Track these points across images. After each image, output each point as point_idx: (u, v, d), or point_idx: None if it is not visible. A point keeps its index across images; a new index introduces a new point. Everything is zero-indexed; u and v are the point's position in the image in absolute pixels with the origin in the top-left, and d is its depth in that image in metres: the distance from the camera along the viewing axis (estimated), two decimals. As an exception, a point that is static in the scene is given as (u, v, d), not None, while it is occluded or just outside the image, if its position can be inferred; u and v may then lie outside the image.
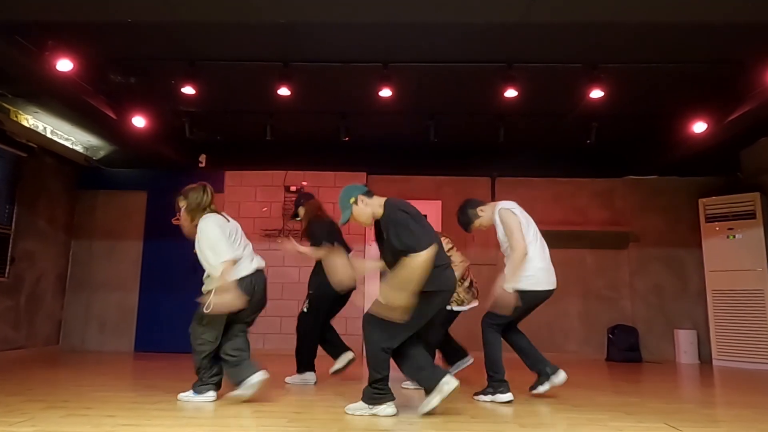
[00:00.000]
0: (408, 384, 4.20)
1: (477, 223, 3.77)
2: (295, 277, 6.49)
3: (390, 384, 3.05)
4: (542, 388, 3.58)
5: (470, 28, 3.96)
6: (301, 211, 4.42)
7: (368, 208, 3.14)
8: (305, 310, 4.27)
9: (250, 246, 3.54)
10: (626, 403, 3.46)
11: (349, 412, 3.03)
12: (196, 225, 3.48)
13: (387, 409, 3.01)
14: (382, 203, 3.12)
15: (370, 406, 3.01)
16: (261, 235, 6.57)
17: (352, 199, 3.15)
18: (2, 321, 5.55)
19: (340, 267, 3.95)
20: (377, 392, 3.02)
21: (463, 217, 3.80)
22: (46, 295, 6.25)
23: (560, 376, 3.57)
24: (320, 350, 4.31)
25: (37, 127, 5.61)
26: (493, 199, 6.61)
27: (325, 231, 4.20)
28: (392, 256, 3.02)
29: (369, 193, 3.18)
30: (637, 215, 6.79)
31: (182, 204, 3.59)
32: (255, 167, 6.83)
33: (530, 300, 3.53)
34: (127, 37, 4.16)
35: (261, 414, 2.99)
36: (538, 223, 3.73)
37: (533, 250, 3.54)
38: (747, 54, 4.20)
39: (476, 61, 4.47)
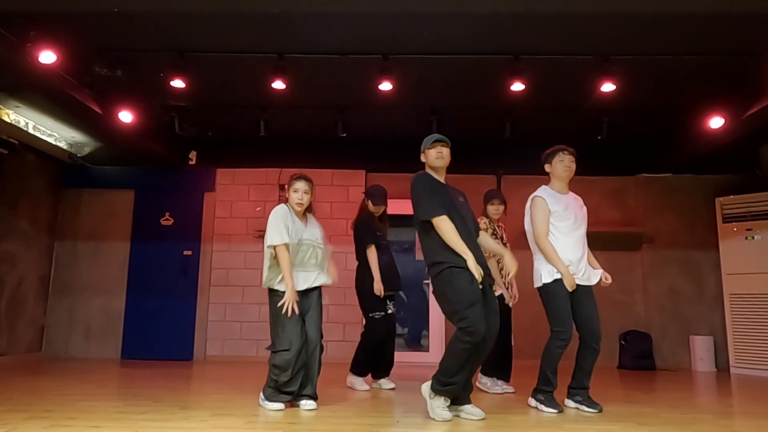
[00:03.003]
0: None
1: None
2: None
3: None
4: None
5: (475, 18, 3.97)
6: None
7: None
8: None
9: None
10: (639, 414, 3.46)
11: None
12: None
13: None
14: None
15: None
16: (255, 236, 6.57)
17: None
18: (-18, 326, 5.56)
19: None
20: None
21: None
22: (27, 299, 6.25)
23: None
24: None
25: (19, 122, 5.61)
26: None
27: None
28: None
29: None
30: (651, 215, 6.78)
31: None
32: (248, 165, 6.83)
33: None
34: (114, 27, 4.16)
35: (255, 425, 2.99)
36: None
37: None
38: (767, 45, 4.20)
39: (481, 52, 4.47)
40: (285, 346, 3.37)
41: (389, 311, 4.45)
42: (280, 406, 3.41)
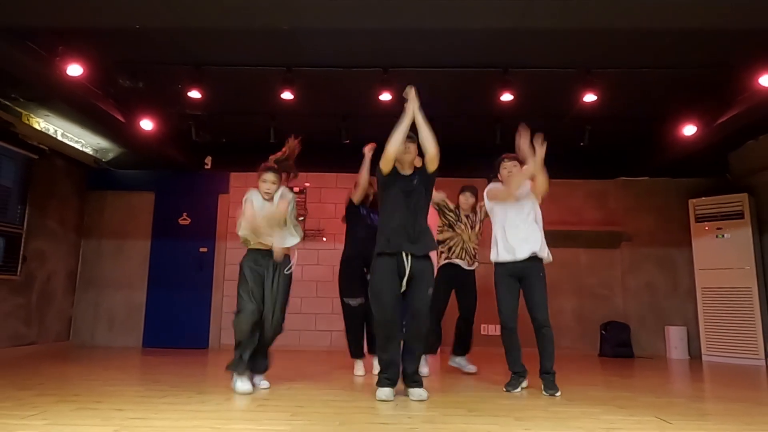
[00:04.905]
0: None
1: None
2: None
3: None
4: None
5: (468, 34, 3.97)
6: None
7: None
8: None
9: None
10: (618, 397, 3.46)
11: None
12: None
13: None
14: None
15: None
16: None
17: None
18: (14, 317, 5.55)
19: None
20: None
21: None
22: (56, 292, 6.25)
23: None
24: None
25: (48, 129, 5.62)
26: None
27: None
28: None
29: None
30: (630, 215, 6.79)
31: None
32: (259, 169, 6.82)
33: None
34: (135, 42, 4.17)
35: (265, 407, 2.99)
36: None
37: None
38: (736, 59, 4.21)
39: (473, 65, 4.48)
40: (237, 309, 3.47)
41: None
42: (247, 387, 3.40)
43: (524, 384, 3.70)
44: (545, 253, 3.68)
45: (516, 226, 3.69)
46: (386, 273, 3.29)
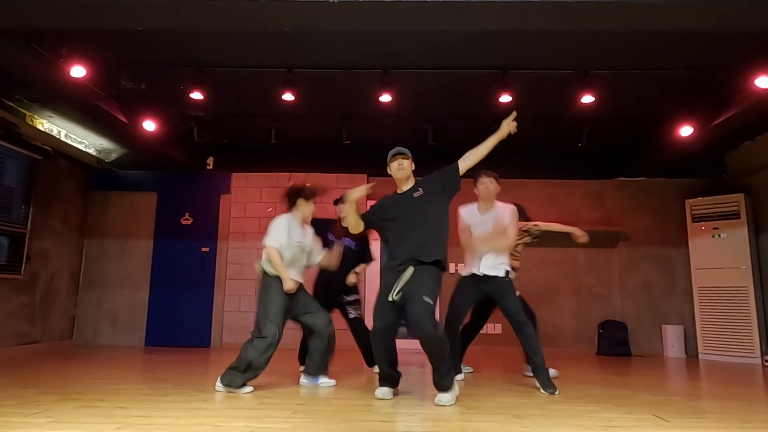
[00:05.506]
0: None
1: None
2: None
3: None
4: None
5: (467, 36, 3.97)
6: None
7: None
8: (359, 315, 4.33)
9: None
10: (616, 396, 3.46)
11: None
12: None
13: None
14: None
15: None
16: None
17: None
18: (18, 317, 5.55)
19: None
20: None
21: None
22: (60, 292, 6.24)
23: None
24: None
25: (52, 130, 5.62)
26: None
27: None
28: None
29: None
30: (627, 215, 6.78)
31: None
32: (260, 169, 6.83)
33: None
34: (138, 44, 4.16)
35: (266, 405, 2.99)
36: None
37: None
38: (732, 61, 4.20)
39: (472, 67, 4.47)
40: (265, 334, 3.40)
41: (351, 316, 4.27)
42: (250, 388, 3.42)
43: (459, 377, 3.89)
44: (509, 276, 3.75)
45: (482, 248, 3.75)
46: (384, 288, 3.28)
